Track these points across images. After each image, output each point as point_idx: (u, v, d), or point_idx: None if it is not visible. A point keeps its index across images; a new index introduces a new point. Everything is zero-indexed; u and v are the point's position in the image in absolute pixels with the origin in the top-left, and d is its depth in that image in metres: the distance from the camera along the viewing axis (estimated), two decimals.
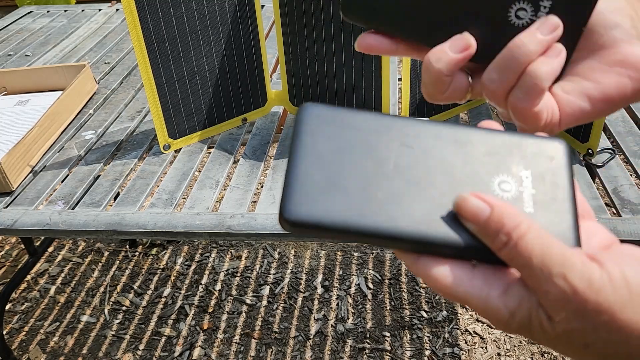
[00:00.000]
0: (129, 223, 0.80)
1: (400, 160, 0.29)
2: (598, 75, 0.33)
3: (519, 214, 0.26)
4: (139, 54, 0.87)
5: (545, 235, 0.25)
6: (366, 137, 0.29)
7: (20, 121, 1.07)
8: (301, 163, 0.28)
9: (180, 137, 0.97)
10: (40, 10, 1.71)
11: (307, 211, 0.27)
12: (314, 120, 0.29)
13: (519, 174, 0.29)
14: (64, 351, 1.47)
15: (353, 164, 0.29)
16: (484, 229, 0.26)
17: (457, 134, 0.30)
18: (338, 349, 1.44)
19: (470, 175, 0.29)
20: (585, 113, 0.33)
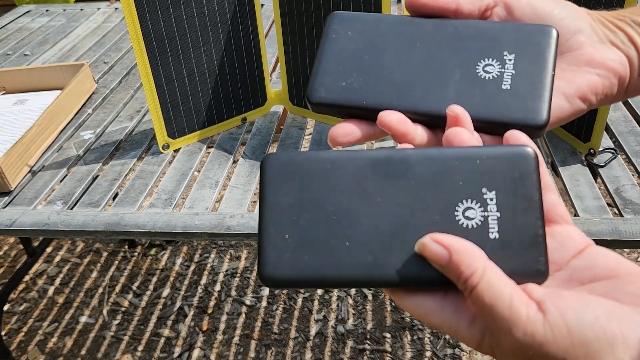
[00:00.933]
0: (127, 223, 0.80)
1: (362, 205, 0.30)
2: (569, 75, 0.35)
3: (474, 259, 0.27)
4: (138, 54, 0.86)
5: (497, 283, 0.27)
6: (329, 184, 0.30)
7: (19, 121, 1.07)
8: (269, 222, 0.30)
9: (179, 136, 0.97)
10: (39, 9, 1.70)
11: (282, 271, 0.29)
12: (277, 173, 0.30)
13: (484, 197, 0.29)
14: (63, 352, 1.47)
15: (319, 214, 0.30)
16: (446, 271, 0.28)
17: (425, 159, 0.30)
18: (338, 350, 1.43)
19: (434, 204, 0.29)
20: (564, 111, 0.35)
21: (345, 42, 0.36)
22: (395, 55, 0.36)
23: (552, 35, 0.34)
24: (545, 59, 0.34)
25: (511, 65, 0.34)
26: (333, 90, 0.35)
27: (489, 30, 0.35)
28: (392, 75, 0.35)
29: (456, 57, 0.35)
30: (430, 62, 0.35)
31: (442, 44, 0.35)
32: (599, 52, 0.35)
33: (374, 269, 0.28)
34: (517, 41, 0.35)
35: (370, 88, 0.35)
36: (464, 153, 0.30)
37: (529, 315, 0.26)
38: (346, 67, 0.36)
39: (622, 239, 0.72)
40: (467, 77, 0.34)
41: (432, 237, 0.28)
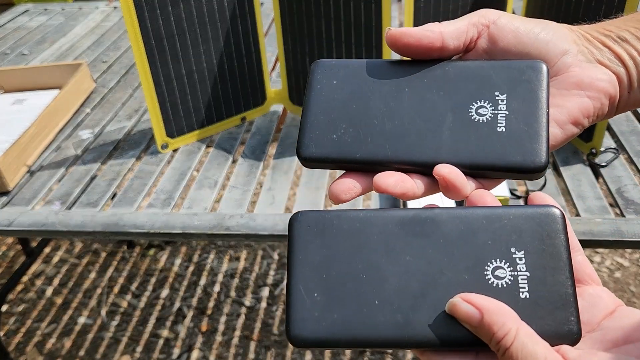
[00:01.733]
0: (126, 223, 0.79)
1: (394, 267, 0.29)
2: (559, 100, 0.34)
3: (507, 320, 0.27)
4: (137, 52, 0.86)
5: (531, 344, 0.26)
6: (358, 244, 0.30)
7: (17, 120, 1.06)
8: (298, 282, 0.30)
9: (178, 136, 0.96)
10: (37, 8, 1.70)
11: (311, 331, 0.29)
12: (306, 232, 0.31)
13: (513, 256, 0.29)
14: (61, 353, 1.46)
15: (349, 274, 0.30)
16: (478, 332, 0.28)
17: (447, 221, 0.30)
18: (338, 352, 1.43)
19: (465, 267, 0.29)
20: (557, 139, 0.34)
21: (331, 92, 0.35)
22: (383, 102, 0.34)
23: (543, 70, 0.34)
24: (538, 96, 0.33)
25: (504, 106, 0.33)
26: (323, 144, 0.34)
27: (478, 71, 0.34)
28: (383, 125, 0.34)
29: (447, 101, 0.34)
30: (421, 108, 0.34)
31: (431, 87, 0.34)
32: (587, 73, 0.34)
33: (404, 329, 0.28)
34: (507, 80, 0.34)
35: (362, 140, 0.34)
36: (491, 213, 0.30)
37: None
38: (334, 118, 0.34)
39: (624, 240, 0.72)
40: (460, 122, 0.33)
41: (463, 297, 0.28)
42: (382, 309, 0.29)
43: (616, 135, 0.93)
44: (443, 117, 0.33)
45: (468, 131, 0.33)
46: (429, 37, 0.34)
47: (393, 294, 0.29)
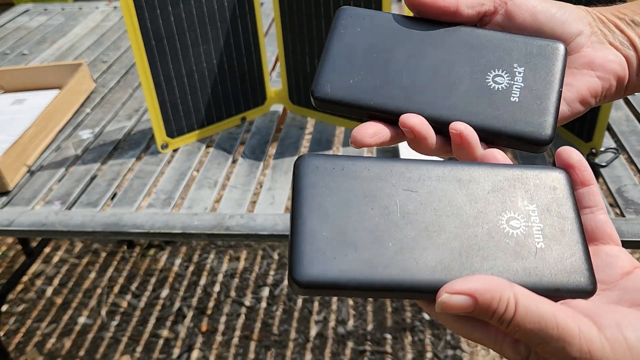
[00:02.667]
0: (126, 223, 0.79)
1: (406, 207, 0.29)
2: (569, 79, 0.35)
3: (501, 292, 0.25)
4: (137, 52, 0.85)
5: (534, 305, 0.25)
6: (368, 186, 0.29)
7: (17, 120, 1.06)
8: (306, 220, 0.28)
9: (178, 136, 0.96)
10: (37, 8, 1.70)
11: (318, 272, 0.26)
12: (313, 173, 0.29)
13: (525, 209, 0.30)
14: (61, 353, 1.46)
15: (359, 216, 0.28)
16: (477, 316, 0.26)
17: (459, 173, 0.30)
18: (338, 352, 1.43)
19: (479, 215, 0.29)
20: (563, 115, 0.35)
21: (354, 38, 0.36)
22: (405, 57, 0.35)
23: (562, 51, 0.35)
24: (554, 74, 0.34)
25: (520, 78, 0.34)
26: (339, 87, 0.34)
27: (500, 42, 0.35)
28: (401, 77, 0.34)
29: (466, 65, 0.35)
30: (440, 67, 0.35)
31: (453, 50, 0.35)
32: (598, 54, 0.35)
33: (417, 273, 0.27)
34: (527, 54, 0.35)
35: (378, 89, 0.34)
36: (504, 168, 0.31)
37: (582, 330, 0.25)
38: (354, 64, 0.35)
39: (625, 239, 0.72)
40: (476, 86, 0.34)
41: (448, 290, 0.25)
42: (393, 253, 0.27)
43: (616, 135, 0.93)
44: (460, 79, 0.34)
45: (482, 96, 0.34)
46: (445, 2, 0.36)
47: (404, 238, 0.28)
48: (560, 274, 0.28)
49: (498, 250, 0.28)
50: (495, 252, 0.28)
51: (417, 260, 0.27)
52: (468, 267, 0.27)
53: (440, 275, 0.27)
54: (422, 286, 0.27)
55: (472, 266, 0.27)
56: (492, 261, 0.28)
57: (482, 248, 0.28)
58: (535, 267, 0.28)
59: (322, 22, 0.89)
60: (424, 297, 0.27)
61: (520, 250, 0.28)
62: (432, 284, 0.27)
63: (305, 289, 0.26)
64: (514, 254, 0.28)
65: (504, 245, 0.28)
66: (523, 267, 0.28)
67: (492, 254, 0.28)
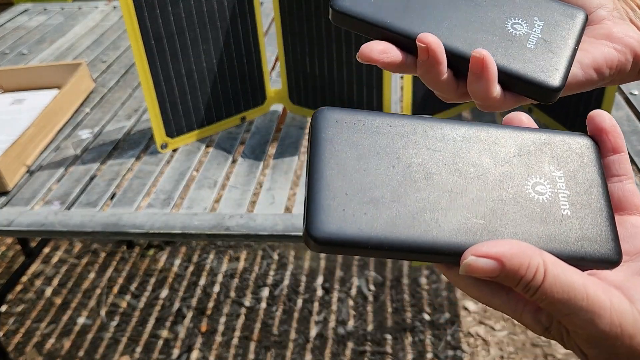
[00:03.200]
0: (125, 224, 0.79)
1: (429, 166, 0.28)
2: (587, 46, 0.36)
3: (531, 258, 0.24)
4: (136, 52, 0.85)
5: (564, 274, 0.24)
6: (391, 143, 0.28)
7: (16, 120, 1.06)
8: (324, 174, 0.26)
9: (177, 136, 0.96)
10: (36, 8, 1.69)
11: (337, 228, 0.25)
12: (332, 126, 0.28)
13: (552, 174, 0.29)
14: (61, 353, 1.46)
15: (380, 173, 0.27)
16: (503, 281, 0.25)
17: (484, 135, 0.29)
18: (338, 352, 1.42)
19: (504, 178, 0.28)
20: (577, 79, 0.35)
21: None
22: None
23: (582, 16, 0.36)
24: (571, 33, 0.35)
25: (539, 29, 0.36)
26: (359, 2, 0.34)
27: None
28: (423, 5, 0.35)
29: (489, 8, 0.36)
30: (463, 5, 0.36)
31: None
32: (618, 28, 0.36)
33: (439, 235, 0.26)
34: (549, 12, 0.36)
35: (399, 11, 0.34)
36: (531, 131, 0.30)
37: (613, 303, 0.24)
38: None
39: None
40: (495, 28, 0.35)
41: (474, 253, 0.24)
42: (415, 213, 0.26)
43: None
44: (481, 19, 0.36)
45: (499, 37, 0.35)
46: None
47: (426, 198, 0.27)
48: (586, 242, 0.27)
49: (523, 215, 0.27)
50: (520, 217, 0.27)
51: (439, 222, 0.26)
52: (492, 231, 0.27)
53: (463, 237, 0.26)
54: (445, 248, 0.26)
55: (497, 230, 0.27)
56: (517, 226, 0.27)
57: (506, 212, 0.27)
58: (561, 235, 0.27)
59: (322, 22, 0.89)
60: (445, 259, 0.26)
61: (545, 216, 0.28)
62: (455, 246, 0.26)
63: (322, 246, 0.25)
64: (539, 220, 0.27)
65: (529, 211, 0.28)
66: (548, 234, 0.27)
67: (517, 219, 0.27)
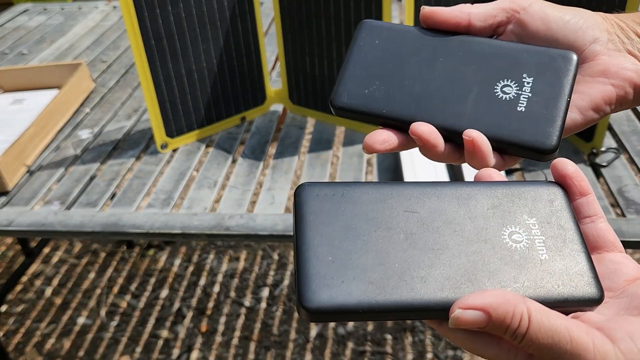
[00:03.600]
0: (125, 224, 0.79)
1: (408, 228, 0.29)
2: (582, 87, 0.35)
3: (515, 306, 0.25)
4: (136, 52, 0.85)
5: (548, 319, 0.25)
6: (370, 209, 0.29)
7: (16, 120, 1.06)
8: (311, 247, 0.28)
9: (177, 136, 0.96)
10: (36, 8, 1.69)
11: (328, 297, 0.26)
12: (314, 200, 0.29)
13: (526, 222, 0.30)
14: (61, 353, 1.46)
15: (363, 238, 0.28)
16: (490, 330, 0.26)
17: (457, 192, 0.31)
18: (338, 352, 1.42)
19: (480, 231, 0.29)
20: (576, 123, 0.35)
21: (372, 51, 0.37)
22: (417, 67, 0.37)
23: (572, 61, 0.35)
24: (563, 84, 0.35)
25: (529, 88, 0.35)
26: (355, 96, 0.36)
27: (511, 52, 0.36)
28: (413, 87, 0.36)
29: (476, 75, 0.36)
30: (451, 77, 0.36)
31: (464, 60, 0.36)
32: (614, 62, 0.35)
33: (425, 293, 0.27)
34: (537, 65, 0.36)
35: (391, 98, 0.36)
36: (502, 185, 0.31)
37: (595, 344, 0.25)
38: (370, 74, 0.37)
39: (625, 240, 0.71)
40: (484, 96, 0.35)
41: (461, 305, 0.25)
42: (400, 274, 0.27)
43: (617, 135, 0.92)
44: (470, 88, 0.36)
45: (490, 106, 0.35)
46: (457, 17, 0.37)
47: (410, 259, 0.28)
48: (567, 284, 0.28)
49: (503, 264, 0.28)
50: (501, 266, 0.28)
51: (424, 280, 0.27)
52: (476, 283, 0.27)
53: (449, 292, 0.27)
54: (433, 305, 0.27)
55: (480, 281, 0.27)
56: (499, 275, 0.28)
57: (487, 263, 0.28)
58: (542, 279, 0.28)
59: (322, 21, 0.89)
60: (435, 315, 0.27)
61: (525, 263, 0.28)
62: (442, 301, 0.27)
63: (316, 315, 0.26)
64: (519, 267, 0.28)
65: (509, 259, 0.28)
66: (529, 280, 0.28)
67: (498, 269, 0.28)
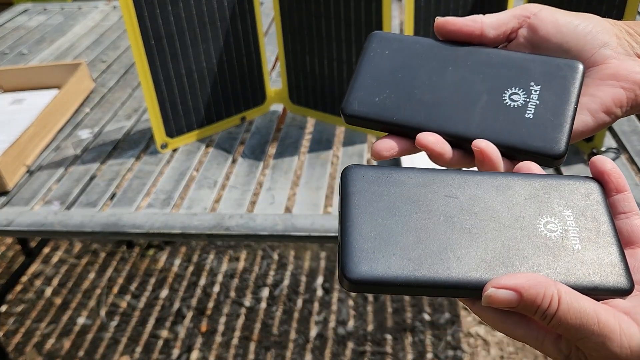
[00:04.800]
0: (125, 224, 0.79)
1: (448, 211, 0.31)
2: (593, 90, 0.36)
3: (546, 288, 0.26)
4: (136, 52, 0.85)
5: (577, 302, 0.26)
6: (412, 192, 0.31)
7: (16, 120, 1.06)
8: (354, 222, 0.30)
9: (177, 136, 0.96)
10: (36, 7, 1.69)
11: (369, 269, 0.28)
12: (360, 181, 0.32)
13: (561, 214, 0.31)
14: (60, 353, 1.46)
15: (404, 219, 0.30)
16: (521, 310, 0.27)
17: (497, 181, 0.32)
18: (338, 352, 1.42)
19: (517, 219, 0.31)
20: (588, 126, 0.36)
21: (382, 60, 0.39)
22: (427, 76, 0.38)
23: (579, 70, 0.36)
24: (570, 92, 0.36)
25: (536, 95, 0.36)
26: (366, 104, 0.37)
27: (519, 61, 0.37)
28: (423, 95, 0.37)
29: (485, 83, 0.37)
30: (460, 86, 0.37)
31: (473, 70, 0.38)
32: (624, 65, 0.36)
33: (460, 272, 0.28)
34: (544, 73, 0.37)
35: (401, 106, 0.37)
36: (540, 177, 0.33)
37: (622, 327, 0.26)
38: (381, 83, 0.38)
39: None
40: (493, 104, 0.36)
41: (494, 285, 0.27)
42: (437, 253, 0.29)
43: (617, 135, 0.92)
44: (479, 96, 0.37)
45: (498, 113, 0.36)
46: (469, 27, 0.38)
47: (447, 240, 0.29)
48: (598, 273, 0.29)
49: (537, 251, 0.29)
50: (535, 253, 0.29)
51: (461, 260, 0.29)
52: (509, 267, 0.29)
53: (483, 273, 0.28)
54: (467, 283, 0.28)
55: (514, 265, 0.29)
56: (532, 261, 0.29)
57: (521, 249, 0.29)
58: (573, 267, 0.29)
59: (321, 21, 0.89)
60: (469, 294, 0.29)
61: (558, 251, 0.29)
62: (477, 281, 0.28)
63: (356, 285, 0.28)
64: (552, 255, 0.29)
65: (543, 247, 0.30)
66: (561, 267, 0.29)
67: (532, 255, 0.29)
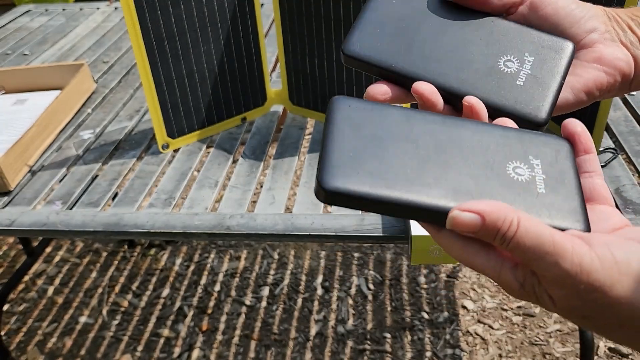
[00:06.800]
0: (127, 223, 0.79)
1: (425, 144, 0.32)
2: (578, 70, 0.39)
3: (507, 213, 0.28)
4: (138, 53, 0.86)
5: (534, 226, 0.28)
6: (393, 123, 0.33)
7: (18, 120, 1.06)
8: (336, 141, 0.31)
9: (178, 136, 0.96)
10: (38, 8, 1.70)
11: (344, 182, 0.29)
12: (346, 109, 0.33)
13: (530, 162, 0.33)
14: (62, 352, 1.46)
15: (384, 145, 0.32)
16: (482, 236, 0.29)
17: (476, 126, 0.34)
18: (338, 351, 1.43)
19: (488, 159, 0.32)
20: (568, 102, 0.39)
21: (388, 9, 0.40)
22: (430, 32, 0.39)
23: (570, 49, 0.39)
24: (559, 68, 0.38)
25: (529, 66, 0.38)
26: (366, 47, 0.38)
27: (518, 32, 0.40)
28: (423, 48, 0.39)
29: (483, 47, 0.39)
30: (460, 45, 0.39)
31: (474, 33, 0.40)
32: (608, 50, 0.39)
33: (428, 196, 0.30)
34: (539, 47, 0.39)
35: (401, 54, 0.38)
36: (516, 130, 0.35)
37: (574, 247, 0.27)
38: (384, 30, 0.39)
39: None
40: (488, 67, 0.38)
41: (460, 208, 0.28)
42: (410, 177, 0.30)
43: (615, 136, 0.93)
44: (475, 58, 0.39)
45: (491, 76, 0.38)
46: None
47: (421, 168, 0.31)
48: (558, 214, 0.31)
49: (503, 189, 0.31)
50: (500, 191, 0.31)
51: (431, 186, 0.30)
52: (476, 197, 0.30)
53: (450, 200, 0.30)
54: (435, 207, 0.30)
55: (480, 198, 0.31)
56: (497, 198, 0.31)
57: (489, 186, 0.31)
58: (535, 207, 0.31)
59: (322, 22, 0.90)
60: (434, 218, 0.30)
61: (522, 192, 0.31)
62: (444, 206, 0.30)
63: (331, 196, 0.29)
64: (517, 195, 0.31)
65: (509, 186, 0.32)
66: (524, 205, 0.31)
67: (498, 192, 0.31)
